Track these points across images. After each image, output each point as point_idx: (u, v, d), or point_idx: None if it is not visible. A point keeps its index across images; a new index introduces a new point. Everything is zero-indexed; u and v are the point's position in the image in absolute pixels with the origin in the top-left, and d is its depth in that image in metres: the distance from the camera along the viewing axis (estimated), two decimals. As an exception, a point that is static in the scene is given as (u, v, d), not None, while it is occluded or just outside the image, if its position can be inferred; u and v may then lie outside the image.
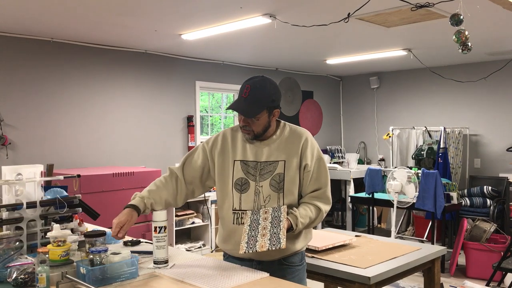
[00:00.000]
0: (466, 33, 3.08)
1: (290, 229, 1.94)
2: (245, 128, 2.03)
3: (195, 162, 2.15)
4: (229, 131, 2.17)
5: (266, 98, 1.99)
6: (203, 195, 5.51)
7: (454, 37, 3.10)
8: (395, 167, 5.34)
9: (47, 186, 2.29)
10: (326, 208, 2.06)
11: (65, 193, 2.24)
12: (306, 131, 2.13)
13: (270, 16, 3.98)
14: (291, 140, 2.08)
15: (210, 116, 6.93)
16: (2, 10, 3.77)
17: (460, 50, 3.15)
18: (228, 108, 2.04)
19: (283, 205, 2.01)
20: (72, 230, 2.11)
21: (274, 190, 2.02)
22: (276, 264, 2.05)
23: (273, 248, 1.80)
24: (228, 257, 2.15)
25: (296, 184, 2.04)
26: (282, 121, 2.16)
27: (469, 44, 3.13)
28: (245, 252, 1.83)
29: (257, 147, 2.08)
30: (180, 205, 2.21)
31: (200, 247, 5.61)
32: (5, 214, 1.98)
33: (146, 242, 2.40)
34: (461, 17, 2.99)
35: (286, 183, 2.02)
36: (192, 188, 2.17)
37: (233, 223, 2.05)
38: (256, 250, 1.81)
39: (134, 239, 2.39)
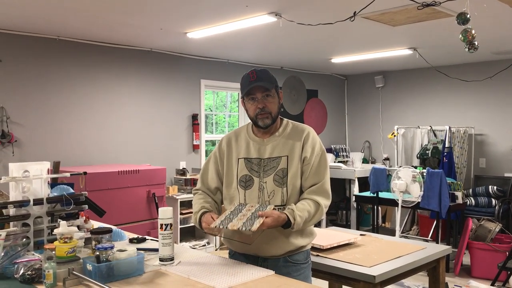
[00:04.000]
0: (473, 32, 3.07)
1: (288, 222, 1.92)
2: (263, 111, 2.05)
3: (212, 174, 2.20)
4: (232, 133, 2.23)
5: (271, 76, 2.11)
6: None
7: (460, 36, 3.09)
8: (400, 166, 5.33)
9: (53, 183, 2.30)
10: (325, 202, 2.04)
11: (71, 190, 2.25)
12: (309, 127, 2.16)
13: (276, 15, 3.98)
14: (293, 136, 2.11)
15: (215, 114, 6.94)
16: (8, 8, 3.79)
17: (467, 49, 3.14)
18: (245, 92, 2.05)
19: (287, 200, 2.03)
20: (78, 227, 2.12)
21: (277, 185, 2.04)
22: (282, 261, 2.06)
23: (242, 229, 1.82)
24: (233, 254, 2.17)
25: (299, 178, 2.05)
26: (285, 119, 2.19)
27: (476, 43, 3.12)
28: (216, 226, 1.88)
29: (260, 144, 2.11)
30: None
31: (204, 245, 5.62)
32: (12, 211, 1.99)
33: (151, 239, 2.41)
34: (468, 15, 2.98)
35: (289, 177, 2.04)
36: (220, 197, 2.22)
37: None
38: (226, 227, 1.86)
39: (140, 236, 2.41)
